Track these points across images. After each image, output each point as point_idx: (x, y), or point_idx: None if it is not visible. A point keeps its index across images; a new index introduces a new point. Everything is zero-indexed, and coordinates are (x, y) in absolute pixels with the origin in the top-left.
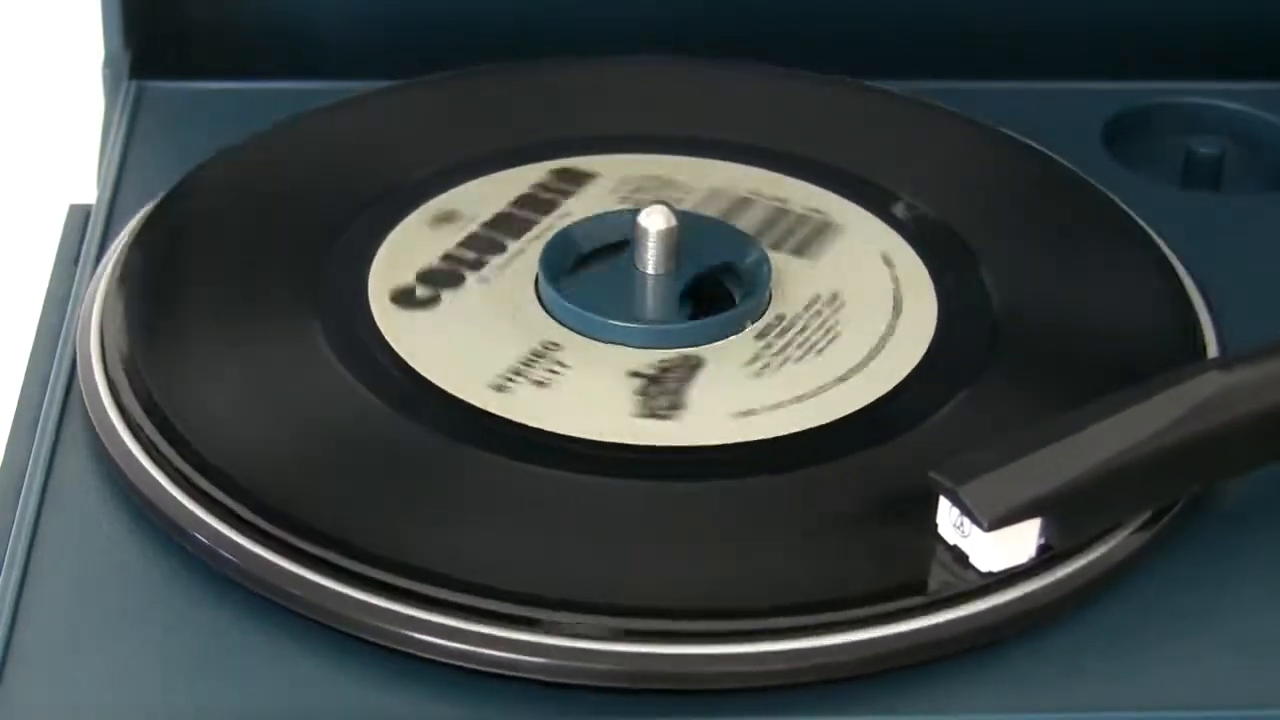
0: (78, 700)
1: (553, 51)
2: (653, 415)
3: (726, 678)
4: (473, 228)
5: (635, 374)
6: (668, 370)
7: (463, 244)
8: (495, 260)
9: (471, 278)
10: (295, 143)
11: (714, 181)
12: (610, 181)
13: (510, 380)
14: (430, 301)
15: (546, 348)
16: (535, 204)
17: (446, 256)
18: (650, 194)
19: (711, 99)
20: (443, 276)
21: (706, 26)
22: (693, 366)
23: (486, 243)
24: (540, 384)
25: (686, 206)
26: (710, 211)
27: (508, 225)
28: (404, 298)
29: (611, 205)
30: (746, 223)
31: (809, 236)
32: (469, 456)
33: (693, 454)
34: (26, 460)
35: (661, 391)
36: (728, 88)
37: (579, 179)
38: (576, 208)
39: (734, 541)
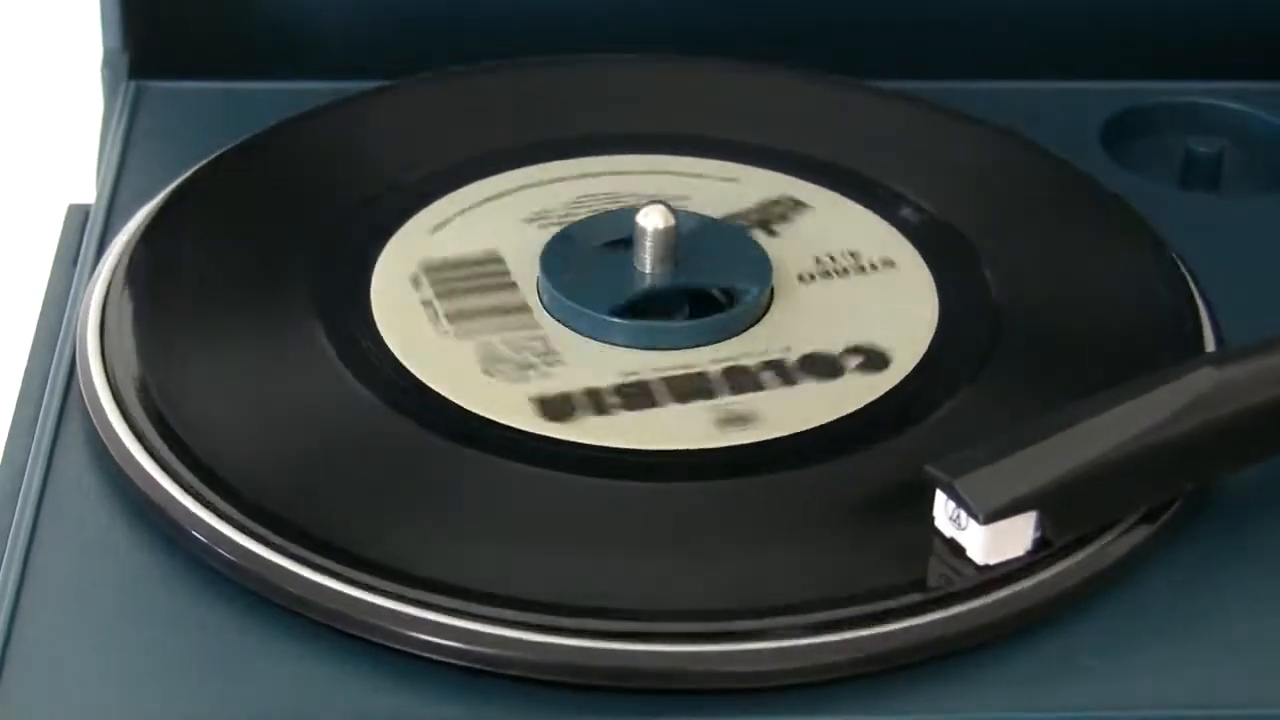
0: (77, 700)
1: (553, 50)
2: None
3: (725, 678)
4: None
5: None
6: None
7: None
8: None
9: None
10: (295, 143)
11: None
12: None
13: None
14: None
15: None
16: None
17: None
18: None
19: (710, 98)
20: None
21: (706, 26)
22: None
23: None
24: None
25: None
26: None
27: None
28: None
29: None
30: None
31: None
32: (468, 457)
33: (691, 455)
34: (25, 459)
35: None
36: (727, 86)
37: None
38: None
39: (732, 541)
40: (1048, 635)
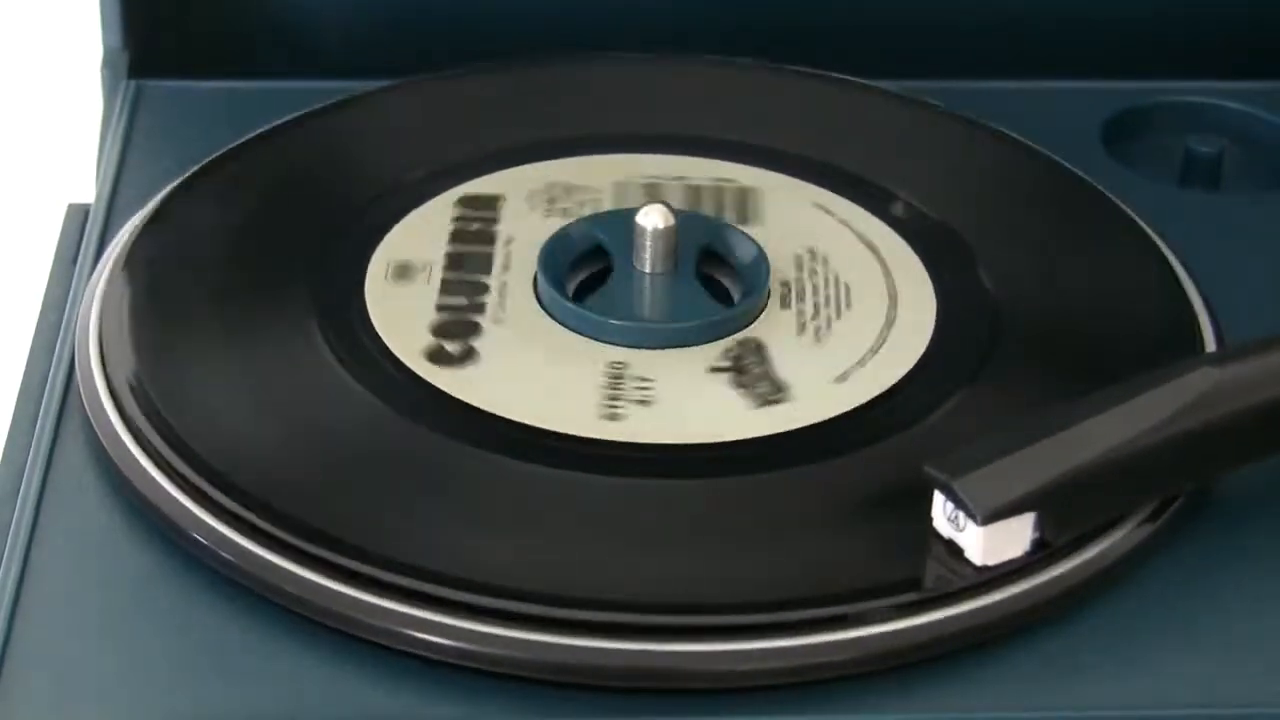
0: (77, 700)
1: (553, 49)
2: (764, 403)
3: (725, 677)
4: (438, 274)
5: (717, 369)
6: (742, 358)
7: (446, 292)
8: (489, 299)
9: (485, 321)
10: (295, 143)
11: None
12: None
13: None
14: (466, 356)
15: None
16: (474, 237)
17: (441, 308)
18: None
19: (709, 97)
20: (457, 328)
21: (706, 25)
22: (757, 348)
23: (468, 286)
24: (641, 403)
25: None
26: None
27: (471, 263)
28: (439, 357)
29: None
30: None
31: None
32: (469, 456)
33: (691, 454)
34: (25, 459)
35: (757, 378)
36: (726, 85)
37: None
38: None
39: (731, 540)
40: (1048, 635)
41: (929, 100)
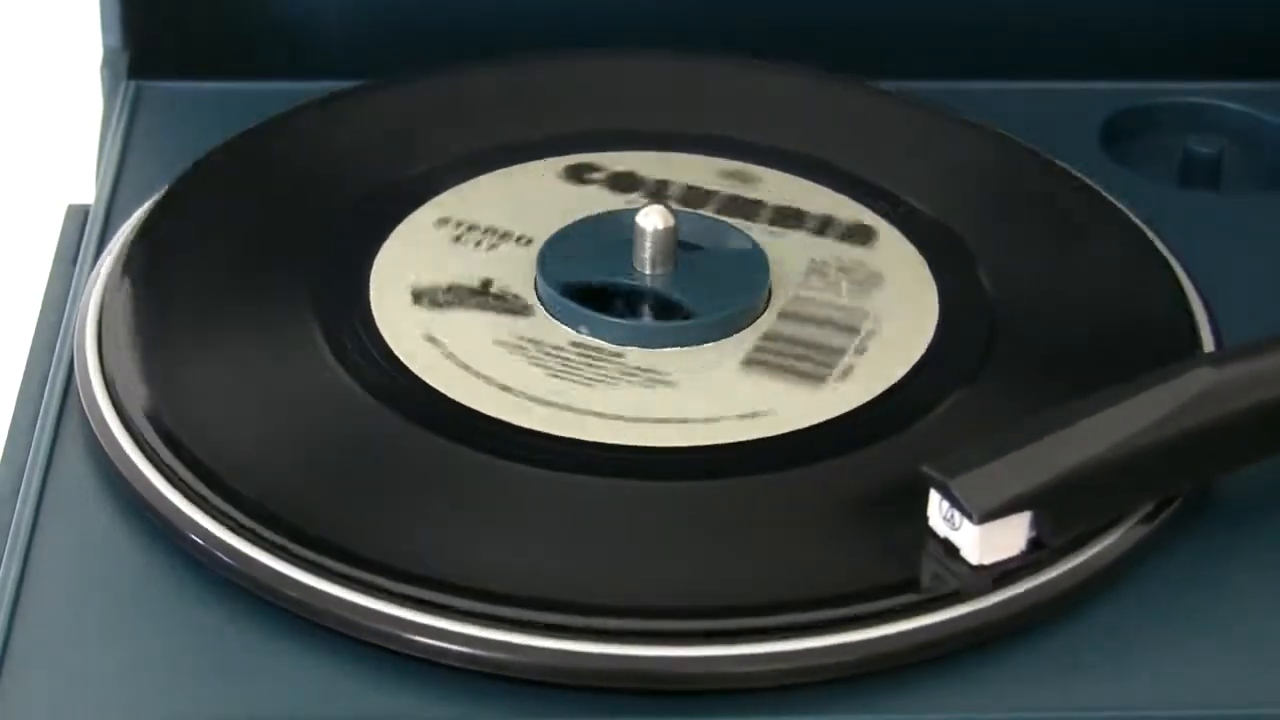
0: (76, 700)
1: (552, 48)
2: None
3: (724, 678)
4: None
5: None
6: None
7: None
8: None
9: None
10: (295, 142)
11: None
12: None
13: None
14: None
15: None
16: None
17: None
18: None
19: (710, 96)
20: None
21: (706, 24)
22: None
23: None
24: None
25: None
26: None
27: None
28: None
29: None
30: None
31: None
32: (469, 457)
33: (690, 455)
34: (25, 460)
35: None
36: (727, 84)
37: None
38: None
39: (730, 541)
40: (1048, 635)
41: (930, 100)
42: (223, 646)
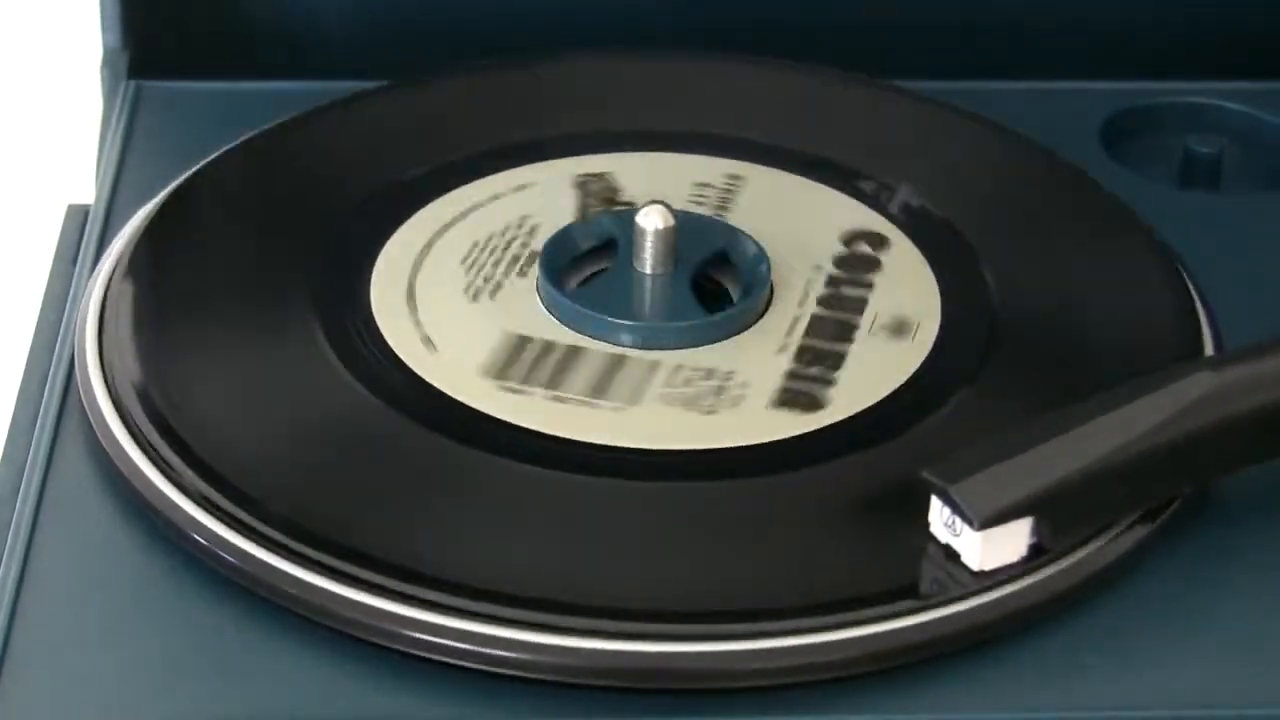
0: (76, 700)
1: (552, 48)
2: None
3: (724, 677)
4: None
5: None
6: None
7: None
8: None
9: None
10: (295, 143)
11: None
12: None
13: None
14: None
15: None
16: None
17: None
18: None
19: (711, 95)
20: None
21: (707, 23)
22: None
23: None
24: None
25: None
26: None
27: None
28: None
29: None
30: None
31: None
32: (470, 457)
33: (690, 456)
34: (25, 459)
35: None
36: (728, 83)
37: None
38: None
39: (731, 541)
40: (1048, 635)
41: (931, 99)
42: (223, 646)
